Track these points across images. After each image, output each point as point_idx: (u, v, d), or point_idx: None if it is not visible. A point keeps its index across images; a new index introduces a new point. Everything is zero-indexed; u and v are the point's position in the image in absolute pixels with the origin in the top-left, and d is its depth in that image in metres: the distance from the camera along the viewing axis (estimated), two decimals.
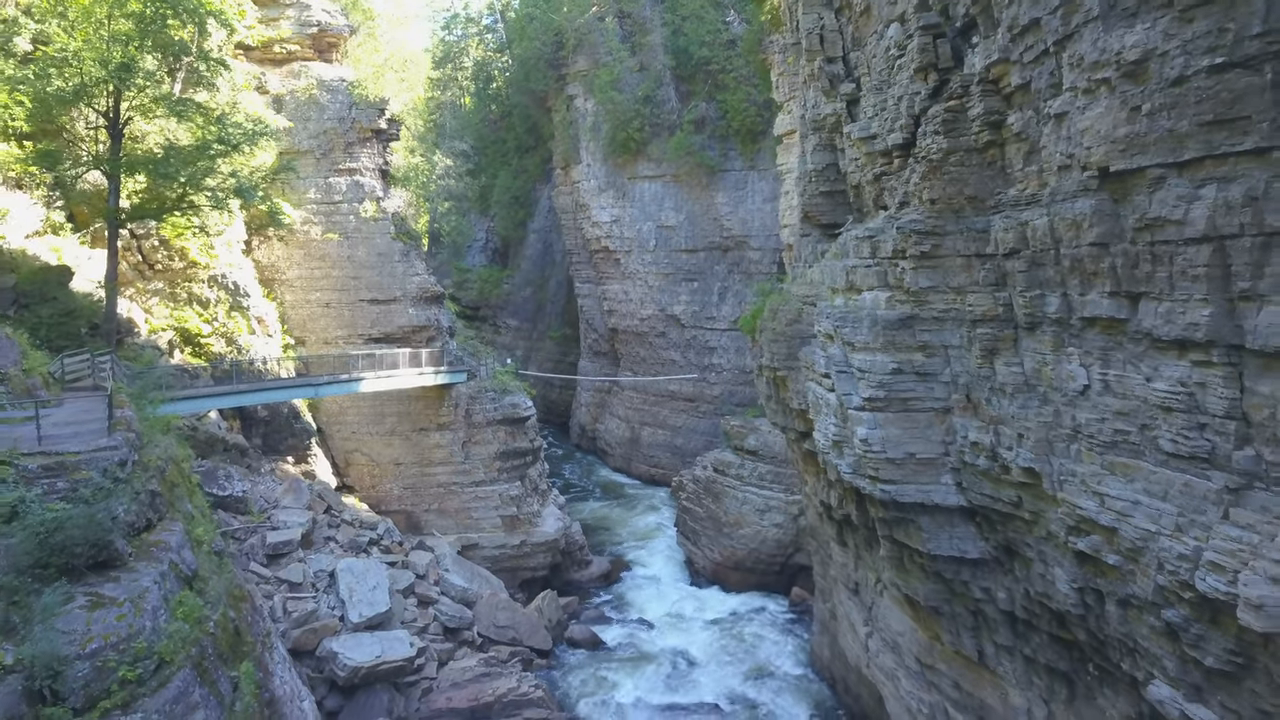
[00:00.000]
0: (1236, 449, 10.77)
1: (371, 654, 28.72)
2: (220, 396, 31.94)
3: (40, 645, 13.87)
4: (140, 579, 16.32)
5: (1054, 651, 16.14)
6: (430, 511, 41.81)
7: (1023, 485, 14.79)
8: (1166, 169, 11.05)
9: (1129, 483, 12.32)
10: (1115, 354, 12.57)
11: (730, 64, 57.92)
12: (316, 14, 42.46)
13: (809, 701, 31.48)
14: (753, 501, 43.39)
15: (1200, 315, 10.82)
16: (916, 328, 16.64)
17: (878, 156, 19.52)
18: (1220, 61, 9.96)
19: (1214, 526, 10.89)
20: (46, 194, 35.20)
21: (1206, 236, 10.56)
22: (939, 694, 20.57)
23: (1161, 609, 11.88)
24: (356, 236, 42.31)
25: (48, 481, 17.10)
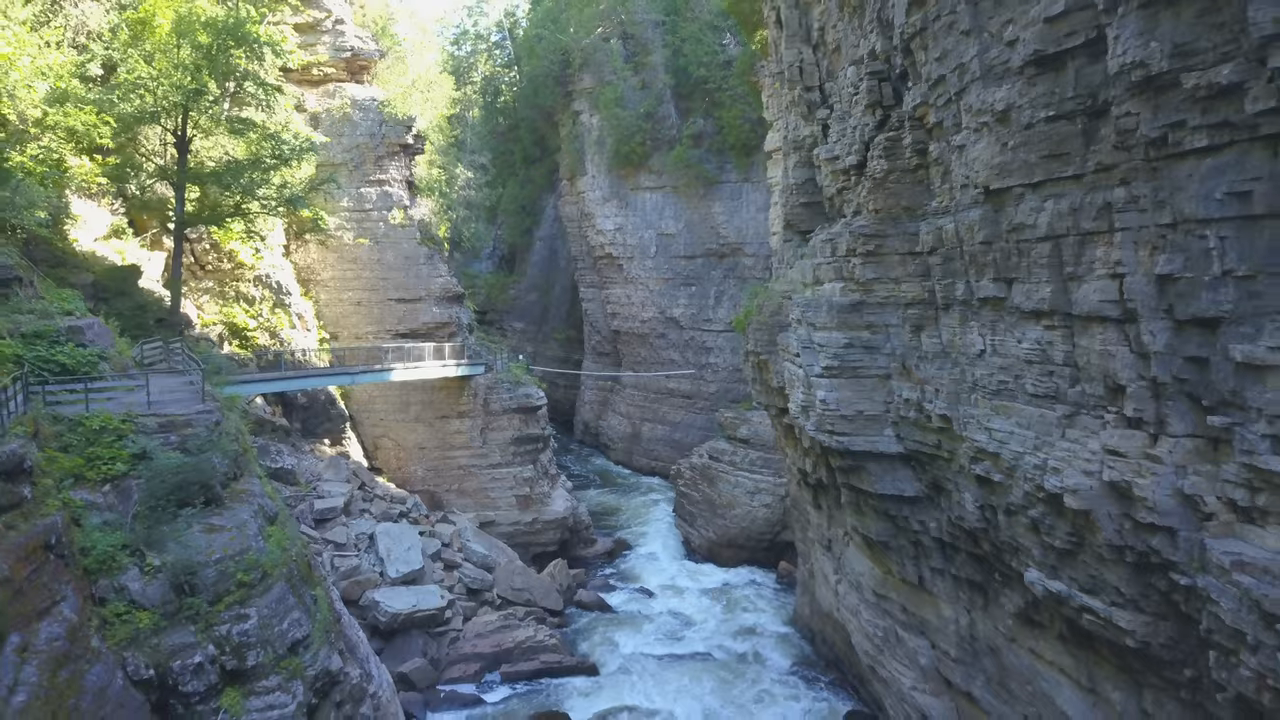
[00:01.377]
0: (1070, 387, 15.09)
1: (408, 604, 33.01)
2: (274, 381, 36.27)
3: (179, 554, 18.36)
4: (239, 513, 20.84)
5: (971, 567, 20.43)
6: (451, 491, 46.04)
7: (940, 430, 19.12)
8: (1025, 188, 15.39)
9: (1007, 419, 16.65)
10: (999, 324, 16.92)
11: (726, 83, 62.12)
12: (350, 40, 46.88)
13: (791, 653, 35.63)
14: (744, 485, 47.62)
15: (1046, 292, 15.14)
16: (864, 311, 21.01)
17: (839, 174, 23.89)
18: (1051, 114, 14.31)
19: (1055, 443, 15.21)
20: (111, 202, 39.58)
21: (1047, 236, 14.88)
22: (890, 619, 24.84)
23: (1028, 509, 16.17)
24: (385, 241, 46.70)
25: (163, 436, 21.65)
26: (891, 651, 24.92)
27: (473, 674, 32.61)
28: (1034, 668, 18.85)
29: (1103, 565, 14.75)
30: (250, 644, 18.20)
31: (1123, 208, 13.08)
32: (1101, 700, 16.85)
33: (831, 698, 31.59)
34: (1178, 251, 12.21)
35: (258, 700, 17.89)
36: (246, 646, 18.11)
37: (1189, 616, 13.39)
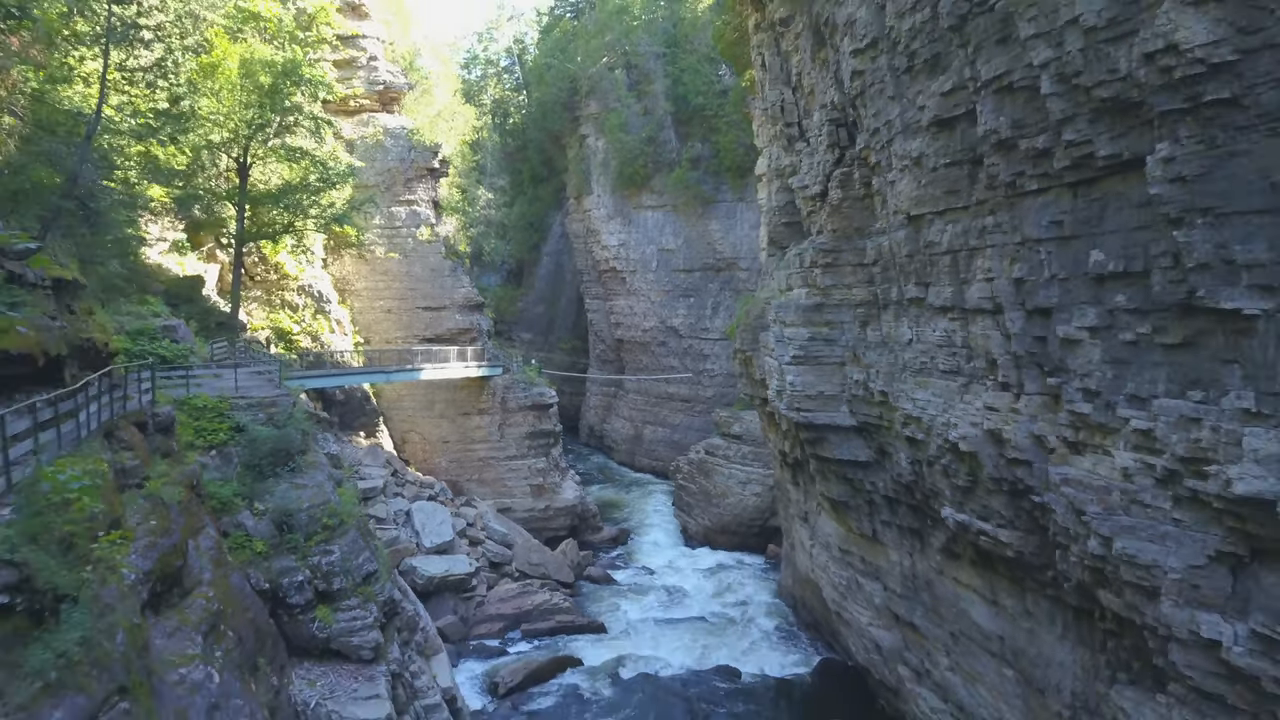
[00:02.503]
0: (966, 363, 20.19)
1: (441, 569, 38.01)
2: (325, 377, 41.37)
3: (278, 502, 23.48)
4: (315, 476, 25.93)
5: (910, 517, 25.45)
6: (472, 480, 51.06)
7: (881, 403, 24.20)
8: (934, 215, 20.53)
9: (925, 390, 21.74)
10: (920, 319, 22.02)
11: (722, 111, 67.17)
12: (382, 74, 52.22)
13: (775, 617, 40.54)
14: (737, 476, 52.59)
15: (948, 293, 20.25)
16: (823, 311, 26.14)
17: (808, 200, 29.04)
18: (948, 162, 19.45)
19: (955, 405, 20.30)
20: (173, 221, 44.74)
21: (948, 250, 20.00)
22: (852, 569, 29.85)
23: (940, 459, 21.23)
24: (414, 255, 51.93)
25: (251, 413, 26.83)
26: (853, 597, 29.92)
27: (497, 631, 37.58)
28: (955, 592, 23.85)
29: (989, 495, 19.81)
30: (335, 572, 23.13)
31: (992, 230, 18.20)
32: (1000, 608, 21.85)
33: (808, 651, 36.51)
34: (1025, 262, 17.32)
35: (343, 615, 22.88)
36: (332, 574, 23.04)
37: (1045, 528, 18.41)
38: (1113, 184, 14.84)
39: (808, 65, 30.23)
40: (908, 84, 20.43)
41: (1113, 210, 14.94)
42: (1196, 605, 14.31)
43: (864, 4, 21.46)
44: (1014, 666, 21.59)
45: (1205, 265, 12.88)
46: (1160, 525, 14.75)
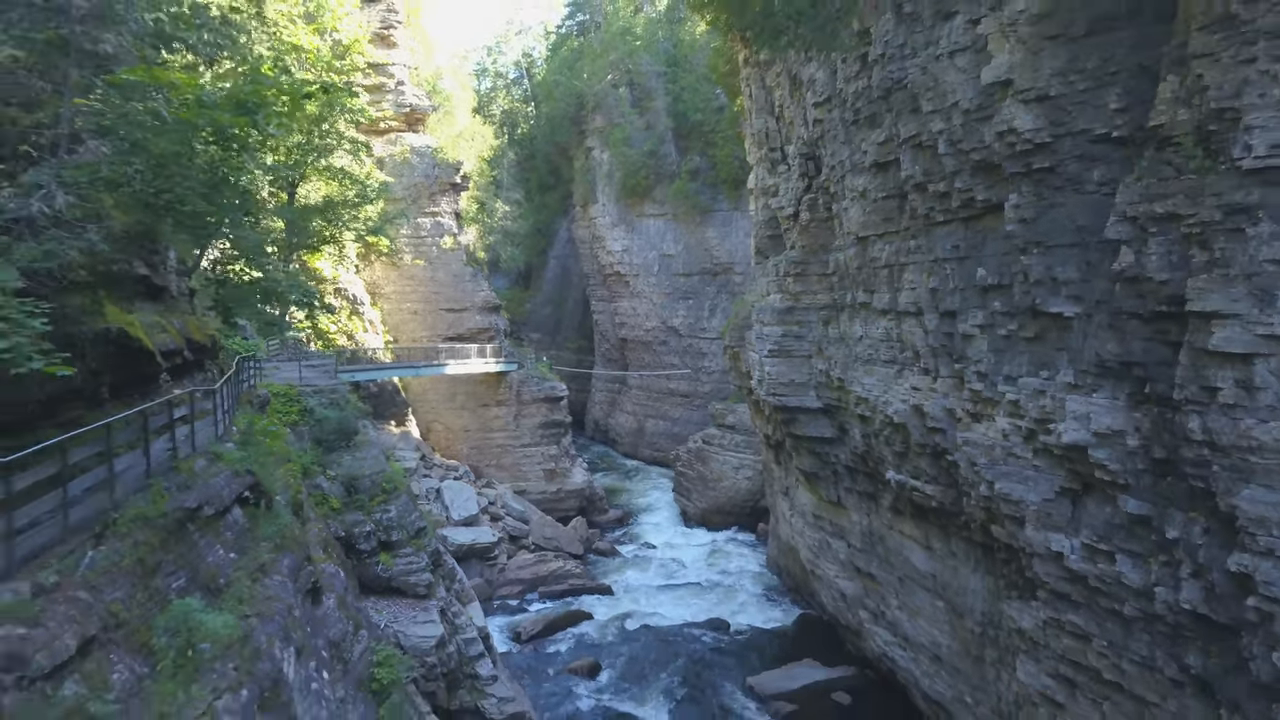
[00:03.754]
0: (899, 354, 25.58)
1: (468, 538, 43.42)
2: (365, 370, 46.78)
3: (345, 469, 28.83)
4: (370, 451, 31.31)
5: (865, 482, 30.82)
6: (490, 465, 56.45)
7: (839, 388, 29.60)
8: (877, 236, 25.91)
9: (871, 377, 27.14)
10: (867, 319, 27.42)
11: (719, 126, 72.12)
12: (409, 97, 57.63)
13: (762, 583, 45.91)
14: (730, 462, 57.93)
15: (886, 298, 25.63)
16: (794, 313, 31.55)
17: (784, 219, 34.44)
18: (885, 195, 24.83)
19: (892, 388, 25.69)
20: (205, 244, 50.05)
21: (886, 265, 25.38)
22: (823, 532, 35.21)
23: (882, 431, 26.60)
24: (438, 262, 57.32)
25: (316, 398, 32.22)
26: (823, 555, 35.29)
27: (517, 593, 43.02)
28: (901, 543, 29.20)
29: (918, 458, 25.20)
30: (393, 526, 28.41)
31: (914, 251, 23.60)
32: (933, 553, 27.21)
33: (789, 608, 41.87)
34: (936, 275, 22.71)
35: (401, 560, 28.20)
36: (391, 527, 28.32)
37: (955, 481, 23.76)
38: (988, 221, 20.25)
39: (787, 100, 35.52)
40: (854, 133, 25.83)
41: (989, 240, 20.34)
42: (1049, 528, 19.66)
43: (822, 67, 26.89)
44: (942, 597, 26.95)
45: (1040, 281, 18.28)
46: (1025, 470, 20.12)
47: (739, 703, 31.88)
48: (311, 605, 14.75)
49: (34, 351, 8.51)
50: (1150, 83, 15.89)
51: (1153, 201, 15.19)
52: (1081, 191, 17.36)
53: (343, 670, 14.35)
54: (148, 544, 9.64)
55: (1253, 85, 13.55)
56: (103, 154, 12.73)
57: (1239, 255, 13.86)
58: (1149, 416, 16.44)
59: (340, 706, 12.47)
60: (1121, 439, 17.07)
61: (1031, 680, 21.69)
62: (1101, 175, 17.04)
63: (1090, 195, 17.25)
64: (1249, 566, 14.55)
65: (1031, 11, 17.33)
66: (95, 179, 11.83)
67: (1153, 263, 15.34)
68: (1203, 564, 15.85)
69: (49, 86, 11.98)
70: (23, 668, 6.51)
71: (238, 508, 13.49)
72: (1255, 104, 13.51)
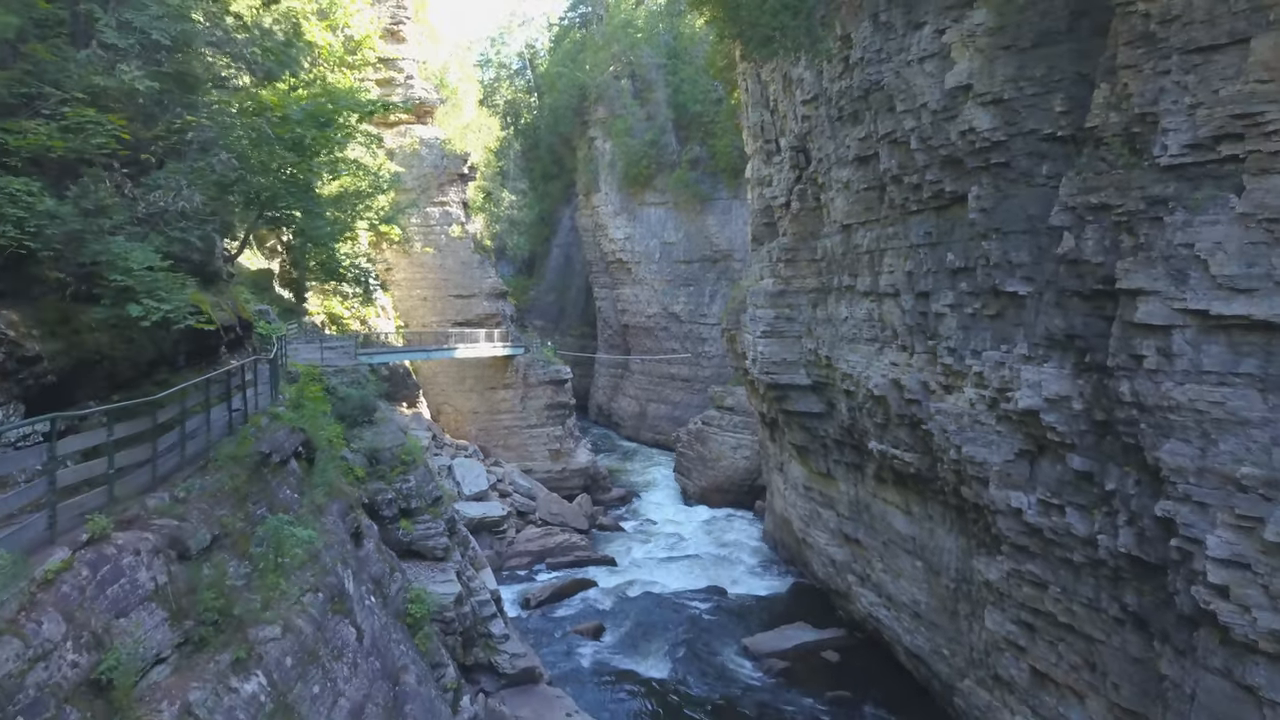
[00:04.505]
0: (880, 333, 27.77)
1: (479, 512, 45.71)
2: (380, 354, 49.02)
3: (367, 443, 31.01)
4: (389, 427, 33.54)
5: (852, 454, 33.06)
6: (498, 446, 58.74)
7: (827, 366, 31.81)
8: (860, 224, 28.07)
9: (856, 354, 29.34)
10: (852, 301, 29.60)
11: (718, 117, 74.00)
12: (418, 91, 59.70)
13: (758, 555, 48.20)
14: (729, 442, 60.16)
15: (868, 282, 27.80)
16: (785, 296, 33.73)
17: (777, 207, 36.58)
18: (866, 186, 26.98)
19: (873, 364, 27.90)
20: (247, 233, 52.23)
21: (868, 251, 27.55)
22: (813, 502, 37.47)
23: (865, 405, 28.82)
24: (446, 250, 59.51)
25: (338, 377, 34.44)
26: (814, 524, 37.55)
27: (525, 564, 45.34)
28: (884, 509, 31.44)
29: (897, 428, 27.42)
30: (412, 495, 30.59)
31: (892, 237, 25.77)
32: (913, 516, 29.45)
33: (784, 577, 44.17)
34: (912, 260, 24.89)
35: (420, 525, 30.39)
36: (411, 496, 30.50)
37: (930, 449, 25.98)
38: (956, 210, 22.42)
39: (781, 96, 37.63)
40: (839, 129, 27.98)
41: (957, 227, 22.52)
42: (1009, 486, 21.88)
43: (809, 69, 29.03)
44: (921, 558, 29.20)
45: (998, 264, 20.47)
46: (988, 435, 22.33)
47: (734, 661, 34.17)
48: (355, 546, 17.01)
49: (186, 312, 10.72)
50: (1088, 89, 18.04)
51: (1089, 193, 17.37)
52: (1032, 184, 19.53)
53: (383, 602, 16.61)
54: (239, 477, 11.87)
55: (1168, 93, 15.69)
56: (223, 161, 15.10)
57: (1158, 240, 16.03)
58: (1090, 383, 18.65)
59: (385, 627, 14.71)
60: (1068, 404, 19.28)
61: (998, 628, 23.95)
62: (1049, 170, 19.22)
63: (1040, 187, 19.43)
64: (1171, 511, 16.74)
65: (988, 24, 19.49)
66: (210, 181, 14.18)
67: (1089, 247, 17.53)
68: (1135, 511, 18.07)
69: (160, 107, 14.25)
70: (182, 549, 8.71)
71: (294, 460, 15.73)
72: (1170, 109, 15.66)
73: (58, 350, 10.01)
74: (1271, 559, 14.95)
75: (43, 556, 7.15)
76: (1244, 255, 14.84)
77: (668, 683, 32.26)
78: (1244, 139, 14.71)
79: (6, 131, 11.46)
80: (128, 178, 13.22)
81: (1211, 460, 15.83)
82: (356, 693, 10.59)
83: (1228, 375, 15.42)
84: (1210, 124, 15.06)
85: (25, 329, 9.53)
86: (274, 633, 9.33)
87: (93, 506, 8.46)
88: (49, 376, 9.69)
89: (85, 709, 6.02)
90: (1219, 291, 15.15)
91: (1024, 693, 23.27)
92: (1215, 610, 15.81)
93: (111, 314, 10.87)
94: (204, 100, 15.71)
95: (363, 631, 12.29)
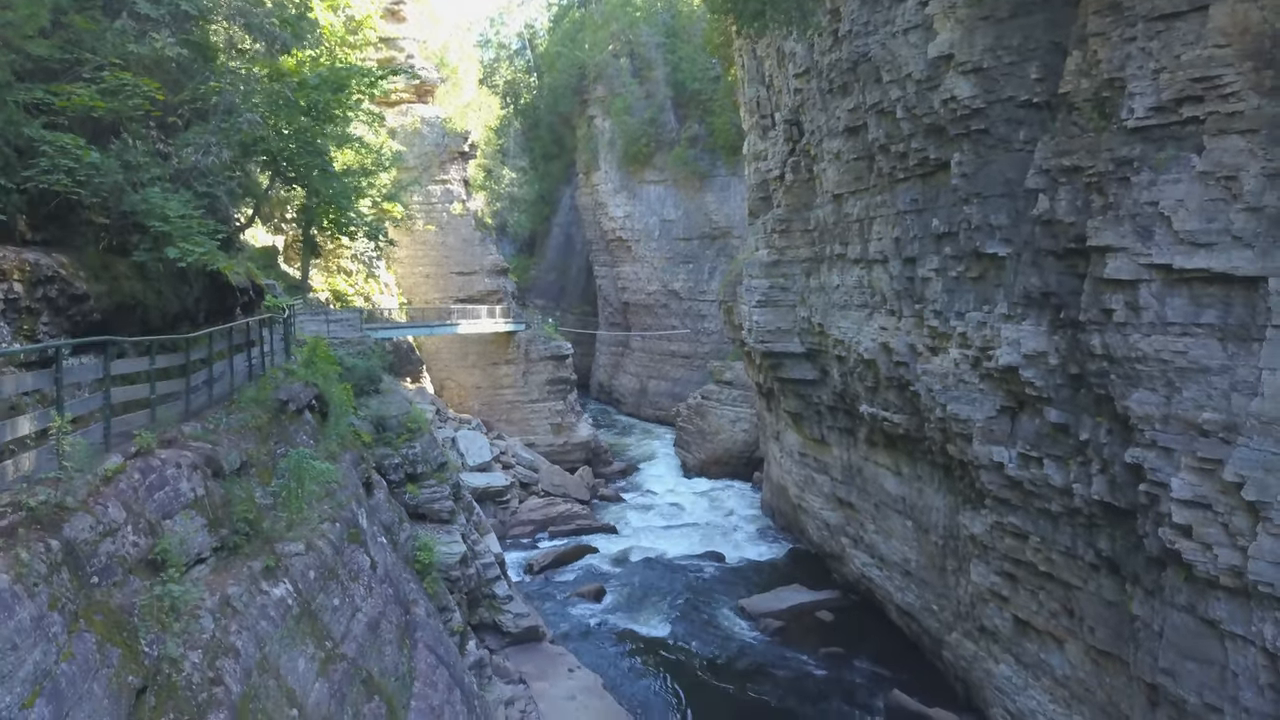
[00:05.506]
0: (870, 299, 28.66)
1: (483, 482, 46.75)
2: (384, 328, 49.95)
3: (373, 410, 31.96)
4: (394, 397, 34.50)
5: (845, 419, 34.01)
6: (500, 420, 59.76)
7: (820, 333, 32.72)
8: (850, 194, 28.92)
9: (847, 320, 30.25)
10: (843, 268, 30.48)
11: (716, 95, 74.85)
12: (419, 70, 60.37)
13: (756, 524, 49.26)
14: (728, 416, 61.18)
15: (859, 249, 28.68)
16: (780, 266, 34.61)
17: (772, 180, 37.39)
18: (855, 157, 27.80)
19: (863, 329, 28.80)
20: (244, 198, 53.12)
21: (858, 219, 28.41)
22: (808, 468, 38.47)
23: (856, 369, 29.74)
24: (448, 227, 60.35)
25: (346, 348, 35.37)
26: (809, 489, 38.56)
27: (529, 533, 46.41)
28: (875, 472, 32.42)
29: (886, 391, 28.36)
30: (418, 460, 31.56)
31: (880, 205, 26.63)
32: (903, 477, 30.42)
33: (781, 544, 45.23)
34: (899, 227, 25.75)
35: (426, 490, 31.36)
36: (417, 461, 31.47)
37: (918, 410, 26.91)
38: (940, 177, 23.27)
39: (775, 70, 38.40)
40: (829, 101, 28.79)
41: (942, 193, 23.38)
42: (991, 442, 22.83)
43: (800, 42, 29.80)
44: (910, 517, 30.20)
45: (979, 227, 21.35)
46: (971, 393, 23.26)
47: (731, 621, 35.24)
48: (366, 495, 17.99)
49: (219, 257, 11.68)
50: (1061, 57, 18.85)
51: (1061, 156, 18.22)
52: (1010, 149, 20.38)
53: (393, 546, 17.61)
54: (261, 418, 12.82)
55: (1134, 59, 16.52)
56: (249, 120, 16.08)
57: (1125, 199, 16.90)
58: (1065, 339, 19.56)
59: (396, 564, 15.70)
60: (1045, 359, 20.19)
61: (982, 580, 24.96)
62: (1025, 135, 20.07)
63: (1017, 152, 20.28)
64: (1139, 458, 17.66)
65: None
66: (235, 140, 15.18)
67: (1062, 208, 18.40)
68: (1107, 460, 19.02)
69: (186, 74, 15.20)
70: (216, 467, 9.66)
71: (309, 411, 16.69)
72: (1136, 74, 16.49)
73: (101, 292, 10.96)
74: (1230, 498, 15.87)
75: (101, 459, 8.07)
76: (1204, 211, 15.71)
77: (666, 641, 33.33)
78: (1203, 101, 15.55)
79: (53, 94, 12.35)
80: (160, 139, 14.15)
81: (1176, 407, 16.74)
82: (373, 610, 11.56)
83: (1190, 326, 16.31)
84: (1172, 87, 15.90)
85: (73, 270, 10.46)
86: (298, 548, 10.29)
87: (138, 425, 9.42)
88: (95, 315, 10.65)
89: (145, 579, 6.96)
90: (1181, 246, 16.03)
91: (1007, 641, 24.32)
92: (1180, 549, 16.74)
93: (151, 257, 11.87)
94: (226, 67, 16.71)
95: (376, 562, 13.25)
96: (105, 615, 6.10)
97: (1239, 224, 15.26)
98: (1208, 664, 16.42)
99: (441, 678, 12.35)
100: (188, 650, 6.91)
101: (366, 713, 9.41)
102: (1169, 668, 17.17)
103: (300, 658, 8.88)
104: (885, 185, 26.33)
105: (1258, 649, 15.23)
